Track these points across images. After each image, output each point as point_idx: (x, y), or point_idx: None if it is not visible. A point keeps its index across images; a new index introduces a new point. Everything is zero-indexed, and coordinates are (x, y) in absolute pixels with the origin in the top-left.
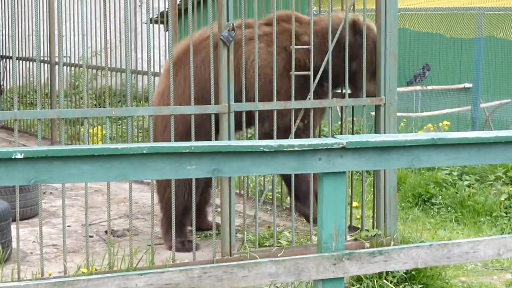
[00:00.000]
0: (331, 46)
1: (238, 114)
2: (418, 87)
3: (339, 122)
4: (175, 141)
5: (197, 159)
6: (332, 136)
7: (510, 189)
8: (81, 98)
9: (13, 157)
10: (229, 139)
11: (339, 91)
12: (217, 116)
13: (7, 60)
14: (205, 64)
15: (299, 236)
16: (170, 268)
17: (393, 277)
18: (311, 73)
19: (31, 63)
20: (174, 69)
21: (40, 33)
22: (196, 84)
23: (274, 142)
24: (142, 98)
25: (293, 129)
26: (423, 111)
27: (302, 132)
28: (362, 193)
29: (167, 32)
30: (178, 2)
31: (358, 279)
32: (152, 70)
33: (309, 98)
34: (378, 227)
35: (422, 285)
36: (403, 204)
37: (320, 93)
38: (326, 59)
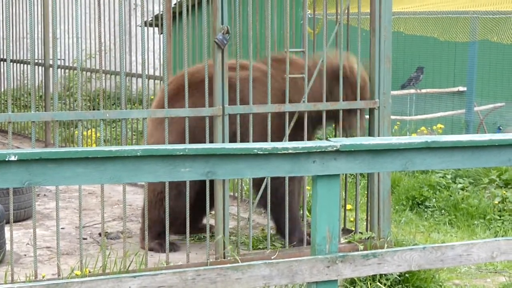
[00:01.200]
0: (325, 48)
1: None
2: (412, 90)
3: (333, 125)
4: None
5: (191, 162)
6: (326, 139)
7: (504, 192)
8: (75, 101)
9: (7, 159)
10: (223, 141)
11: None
12: (211, 118)
13: (1, 62)
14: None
15: None
16: (164, 270)
17: (387, 279)
18: (305, 76)
19: (25, 65)
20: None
21: (34, 36)
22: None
23: (268, 145)
24: (137, 100)
25: (287, 132)
26: (417, 114)
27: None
28: (356, 196)
29: (161, 35)
30: (172, 5)
31: (352, 282)
32: (146, 73)
33: (303, 101)
34: (372, 230)
35: None
36: (396, 207)
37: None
38: (317, 67)
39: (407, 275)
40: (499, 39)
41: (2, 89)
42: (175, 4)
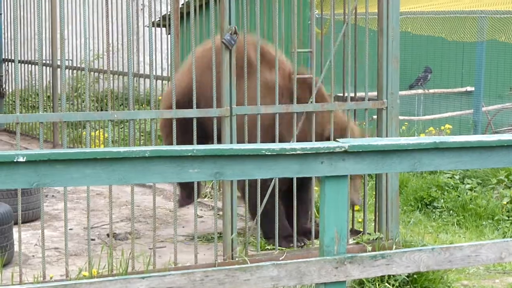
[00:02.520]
0: (333, 49)
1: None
2: (420, 91)
3: None
4: None
5: (199, 163)
6: (335, 139)
7: None
8: (83, 101)
9: (15, 160)
10: (231, 142)
11: None
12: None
13: (9, 63)
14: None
15: None
16: (172, 271)
17: (395, 280)
18: (313, 76)
19: (33, 66)
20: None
21: (42, 36)
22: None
23: (276, 146)
24: (144, 101)
25: (295, 132)
26: (425, 115)
27: None
28: (364, 197)
29: (169, 36)
30: (180, 6)
31: (360, 283)
32: (154, 73)
33: (311, 101)
34: (380, 231)
35: None
36: (405, 208)
37: None
38: (328, 62)
39: (415, 276)
40: (507, 39)
41: (10, 90)
42: (182, 4)
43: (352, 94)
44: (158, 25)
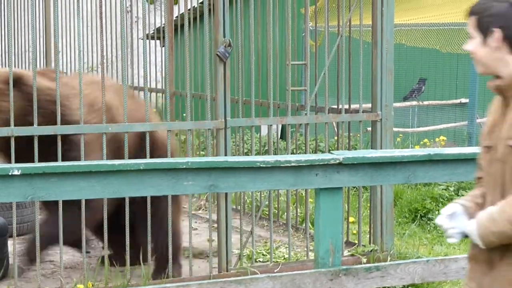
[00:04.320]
0: (327, 61)
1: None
2: (414, 102)
3: (335, 138)
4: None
5: (194, 175)
6: (329, 151)
7: None
8: None
9: (10, 173)
10: (226, 154)
11: None
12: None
13: None
14: None
15: (296, 252)
16: (167, 284)
17: None
18: (307, 88)
19: None
20: None
21: (36, 48)
22: None
23: (271, 158)
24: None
25: (290, 144)
26: (419, 127)
27: None
28: (359, 208)
29: (163, 48)
30: (174, 18)
31: None
32: (148, 86)
33: (305, 114)
34: (375, 243)
35: None
36: (399, 220)
37: None
38: (322, 74)
39: None
40: None
41: None
42: (176, 16)
43: (346, 106)
44: (152, 38)
